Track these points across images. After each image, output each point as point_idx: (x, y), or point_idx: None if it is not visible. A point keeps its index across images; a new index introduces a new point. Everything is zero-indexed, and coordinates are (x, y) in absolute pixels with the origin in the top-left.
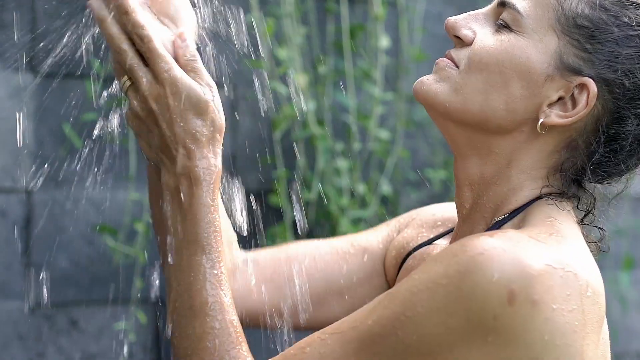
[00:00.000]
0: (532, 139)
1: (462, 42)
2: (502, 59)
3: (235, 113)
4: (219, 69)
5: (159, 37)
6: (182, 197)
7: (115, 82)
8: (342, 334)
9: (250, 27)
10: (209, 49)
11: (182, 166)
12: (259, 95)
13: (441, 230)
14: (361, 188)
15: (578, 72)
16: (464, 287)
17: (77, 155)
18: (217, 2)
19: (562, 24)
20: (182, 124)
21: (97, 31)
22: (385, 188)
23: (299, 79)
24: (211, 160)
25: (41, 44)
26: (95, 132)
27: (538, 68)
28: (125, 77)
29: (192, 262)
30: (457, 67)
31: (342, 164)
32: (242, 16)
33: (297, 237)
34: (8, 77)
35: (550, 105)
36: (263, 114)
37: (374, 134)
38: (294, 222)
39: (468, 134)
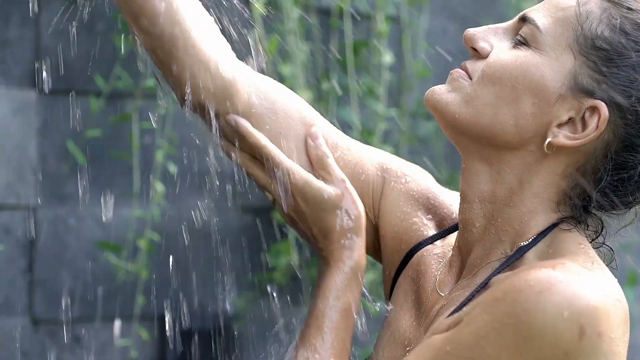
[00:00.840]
0: (540, 160)
1: (478, 55)
2: (515, 74)
3: None
4: None
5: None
6: (318, 278)
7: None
8: None
9: (254, 44)
10: None
11: (322, 256)
12: None
13: (433, 223)
14: None
15: (591, 94)
16: (534, 325)
17: (81, 172)
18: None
19: (580, 44)
20: (317, 225)
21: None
22: None
23: (302, 95)
24: (346, 251)
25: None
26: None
27: (551, 87)
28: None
29: (306, 336)
30: (471, 78)
31: None
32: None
33: (300, 253)
34: (12, 93)
35: (559, 125)
36: None
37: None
38: (298, 239)
39: (478, 146)
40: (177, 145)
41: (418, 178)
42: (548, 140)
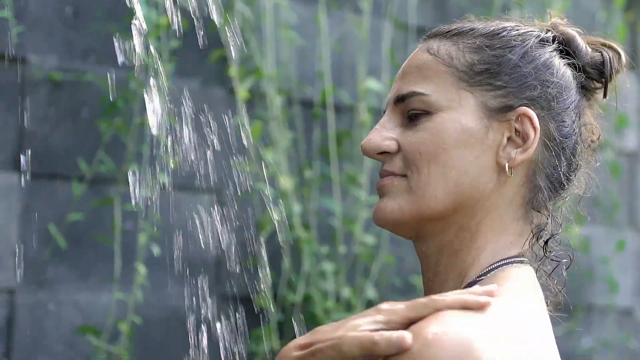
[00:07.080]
0: (496, 195)
1: (388, 155)
2: (437, 141)
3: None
4: (205, 171)
5: None
6: None
7: None
8: None
9: (237, 130)
10: (196, 151)
11: None
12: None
13: None
14: (346, 292)
15: (508, 109)
16: None
17: (62, 257)
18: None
19: (465, 80)
20: None
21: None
22: (371, 293)
23: (285, 182)
24: None
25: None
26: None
27: (474, 127)
28: None
29: None
30: (404, 175)
31: (328, 267)
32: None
33: (282, 339)
34: None
35: (504, 148)
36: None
37: (359, 238)
38: (279, 324)
39: (443, 222)
40: (160, 230)
41: None
42: (506, 165)
